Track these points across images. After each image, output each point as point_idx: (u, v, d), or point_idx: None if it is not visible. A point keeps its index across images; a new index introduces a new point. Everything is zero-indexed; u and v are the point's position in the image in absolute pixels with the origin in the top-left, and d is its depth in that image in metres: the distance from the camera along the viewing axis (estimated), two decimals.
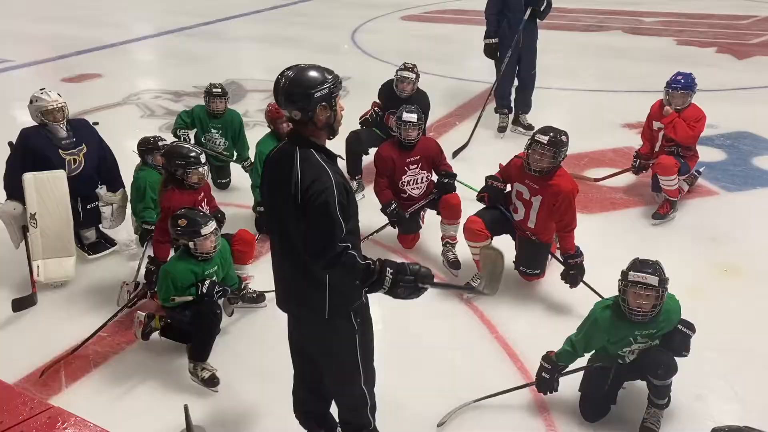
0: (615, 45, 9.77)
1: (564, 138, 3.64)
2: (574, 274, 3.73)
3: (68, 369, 3.37)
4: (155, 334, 3.48)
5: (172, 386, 3.29)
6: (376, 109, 5.26)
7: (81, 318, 3.77)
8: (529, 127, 5.96)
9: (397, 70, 5.17)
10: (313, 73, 2.23)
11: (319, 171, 2.19)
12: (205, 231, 3.32)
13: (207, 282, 3.37)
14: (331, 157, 2.29)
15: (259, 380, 3.31)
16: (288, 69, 2.25)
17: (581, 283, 3.75)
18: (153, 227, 4.03)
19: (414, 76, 5.11)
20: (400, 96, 5.08)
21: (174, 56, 10.02)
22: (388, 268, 2.25)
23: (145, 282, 3.77)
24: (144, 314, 3.45)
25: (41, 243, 3.96)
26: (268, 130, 4.71)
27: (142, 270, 3.90)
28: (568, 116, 6.74)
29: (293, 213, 2.21)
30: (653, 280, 2.73)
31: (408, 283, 2.26)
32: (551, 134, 3.63)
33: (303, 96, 2.19)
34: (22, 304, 3.82)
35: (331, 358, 2.49)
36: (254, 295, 3.85)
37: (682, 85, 4.66)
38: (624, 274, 2.82)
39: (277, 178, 2.27)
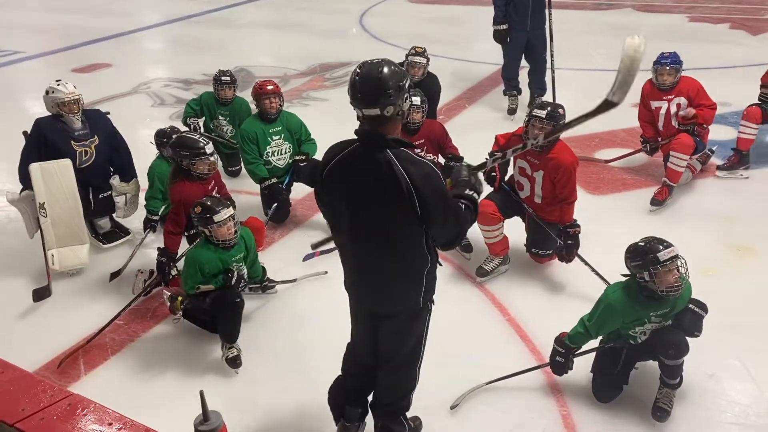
0: (626, 23, 9.65)
1: (561, 111, 3.67)
2: (570, 244, 3.73)
3: (86, 357, 3.42)
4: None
5: (188, 372, 3.34)
6: None
7: (97, 306, 3.82)
8: None
9: (407, 55, 5.14)
10: (392, 67, 2.20)
11: (424, 167, 2.19)
12: (218, 218, 3.26)
13: (235, 276, 3.37)
14: (411, 146, 2.29)
15: (272, 365, 3.35)
16: (360, 68, 2.20)
17: (584, 265, 3.75)
18: (155, 217, 4.14)
19: (425, 60, 5.09)
20: (411, 80, 5.06)
21: (182, 44, 10.02)
22: (468, 194, 2.37)
23: (157, 272, 3.80)
24: (169, 293, 3.45)
25: (53, 232, 4.01)
26: None
27: (136, 260, 4.03)
28: (578, 96, 6.65)
29: (401, 214, 2.19)
30: (678, 249, 2.75)
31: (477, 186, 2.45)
32: (548, 108, 3.66)
33: (398, 90, 2.18)
34: (41, 294, 3.87)
35: (405, 345, 2.53)
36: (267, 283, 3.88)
37: (671, 60, 4.64)
38: (652, 260, 2.74)
39: (374, 187, 2.20)
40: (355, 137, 2.28)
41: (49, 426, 1.87)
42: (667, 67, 4.64)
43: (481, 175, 2.59)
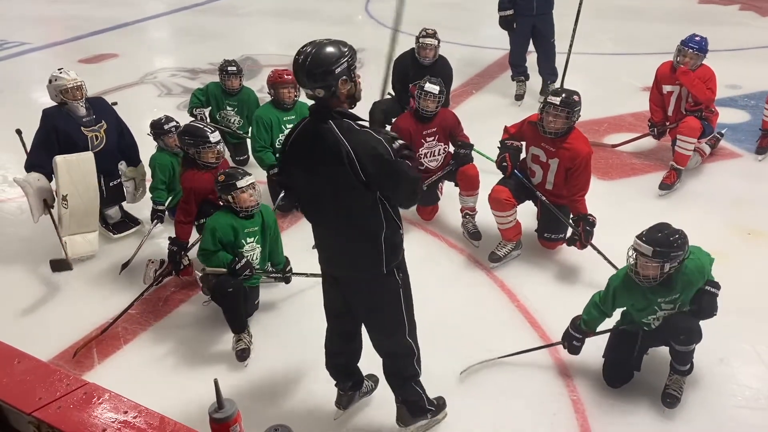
0: (634, 6, 9.56)
1: (576, 98, 3.65)
2: (588, 230, 3.71)
3: (100, 346, 3.46)
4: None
5: (201, 360, 3.37)
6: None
7: (109, 296, 3.85)
8: None
9: (418, 37, 5.12)
10: (330, 50, 2.28)
11: (363, 134, 2.30)
12: (241, 184, 3.35)
13: (243, 261, 3.35)
14: (356, 118, 2.38)
15: (285, 353, 3.38)
16: (304, 47, 2.29)
17: (600, 246, 3.75)
18: (161, 207, 4.16)
19: (436, 42, 5.07)
20: (422, 63, 5.04)
21: (188, 33, 10.00)
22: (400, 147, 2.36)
23: (168, 261, 3.82)
24: (201, 274, 3.52)
25: (68, 221, 4.05)
26: None
27: (146, 249, 4.07)
28: (586, 81, 6.62)
29: (349, 182, 2.29)
30: (646, 249, 2.71)
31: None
32: (563, 95, 3.64)
33: (325, 74, 2.25)
34: (61, 265, 3.95)
35: (379, 314, 2.62)
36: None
37: (698, 46, 4.59)
38: (633, 244, 2.79)
39: (320, 156, 2.32)
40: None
41: (65, 414, 1.88)
42: (690, 51, 4.58)
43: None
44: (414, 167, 2.41)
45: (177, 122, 4.21)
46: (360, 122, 2.36)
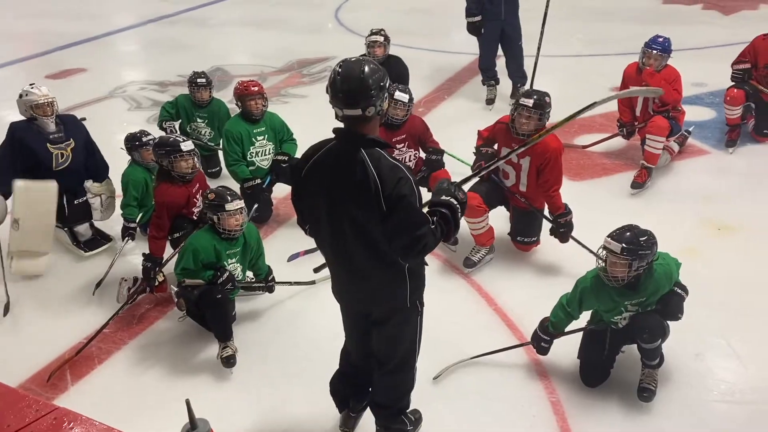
0: (600, 7, 9.69)
1: (547, 99, 3.69)
2: (564, 232, 3.78)
3: (73, 368, 3.38)
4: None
5: (176, 379, 3.32)
6: None
7: (81, 315, 3.78)
8: None
9: (365, 38, 5.17)
10: (373, 66, 2.19)
11: (397, 171, 2.17)
12: (230, 207, 3.30)
13: (226, 275, 3.33)
14: (387, 147, 2.29)
15: (262, 367, 3.34)
16: (340, 67, 2.18)
17: (576, 245, 3.79)
18: (132, 225, 4.08)
19: (382, 38, 5.13)
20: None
21: (157, 46, 9.91)
22: (445, 199, 2.31)
23: (142, 278, 3.76)
24: (176, 289, 3.44)
25: (18, 239, 3.96)
26: None
27: (119, 267, 4.01)
28: (555, 83, 6.68)
29: (374, 215, 2.18)
30: (615, 246, 2.75)
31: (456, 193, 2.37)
32: (535, 97, 3.68)
33: (381, 89, 2.17)
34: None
35: (397, 349, 2.55)
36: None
37: (662, 47, 4.65)
38: (604, 244, 2.84)
39: (347, 187, 2.21)
40: (333, 135, 2.29)
41: None
42: (654, 52, 4.64)
43: (467, 185, 2.58)
44: (438, 230, 2.26)
45: (154, 136, 4.16)
46: (389, 153, 2.25)
